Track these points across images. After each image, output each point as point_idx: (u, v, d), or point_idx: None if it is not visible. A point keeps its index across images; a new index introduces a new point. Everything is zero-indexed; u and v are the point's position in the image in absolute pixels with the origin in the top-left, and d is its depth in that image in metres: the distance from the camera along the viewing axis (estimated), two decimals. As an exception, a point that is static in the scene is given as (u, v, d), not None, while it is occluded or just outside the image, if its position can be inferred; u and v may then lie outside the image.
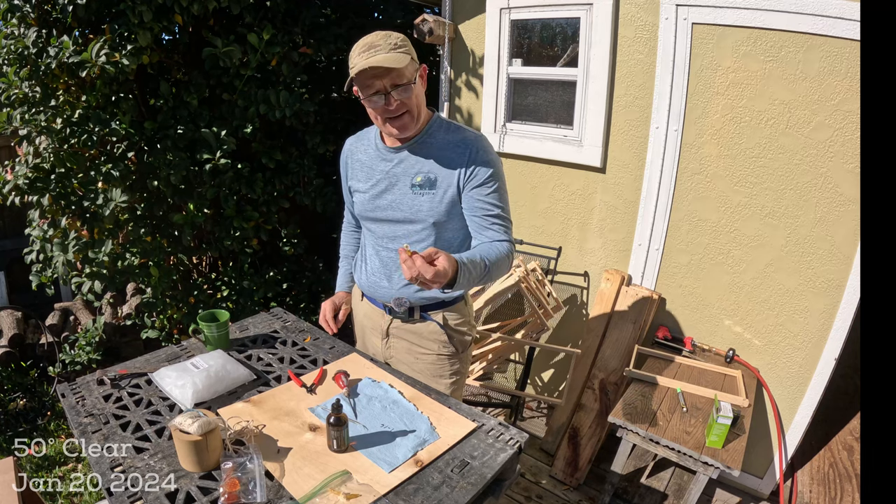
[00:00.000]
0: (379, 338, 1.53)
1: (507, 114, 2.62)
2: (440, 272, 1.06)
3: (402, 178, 1.34)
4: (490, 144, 1.34)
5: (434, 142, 1.33)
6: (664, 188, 2.22)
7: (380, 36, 1.20)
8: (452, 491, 1.00)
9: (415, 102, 1.26)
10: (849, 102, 1.78)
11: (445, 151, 1.31)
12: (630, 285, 2.39)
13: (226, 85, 2.62)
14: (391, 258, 1.40)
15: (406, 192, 1.33)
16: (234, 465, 0.99)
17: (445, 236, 1.37)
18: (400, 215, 1.35)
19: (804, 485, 2.18)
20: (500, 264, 1.28)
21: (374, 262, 1.45)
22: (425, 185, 1.31)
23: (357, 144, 1.47)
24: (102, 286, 2.46)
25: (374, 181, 1.38)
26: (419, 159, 1.33)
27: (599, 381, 2.32)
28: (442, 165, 1.31)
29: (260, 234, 2.89)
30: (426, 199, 1.32)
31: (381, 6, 3.83)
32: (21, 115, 2.29)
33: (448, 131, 1.34)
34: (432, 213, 1.32)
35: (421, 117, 1.30)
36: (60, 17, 2.31)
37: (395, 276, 1.41)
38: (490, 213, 1.31)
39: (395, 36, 1.21)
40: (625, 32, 2.18)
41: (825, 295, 1.97)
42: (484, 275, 1.23)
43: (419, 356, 1.47)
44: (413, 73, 1.23)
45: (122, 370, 1.37)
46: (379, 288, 1.44)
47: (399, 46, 1.20)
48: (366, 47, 1.19)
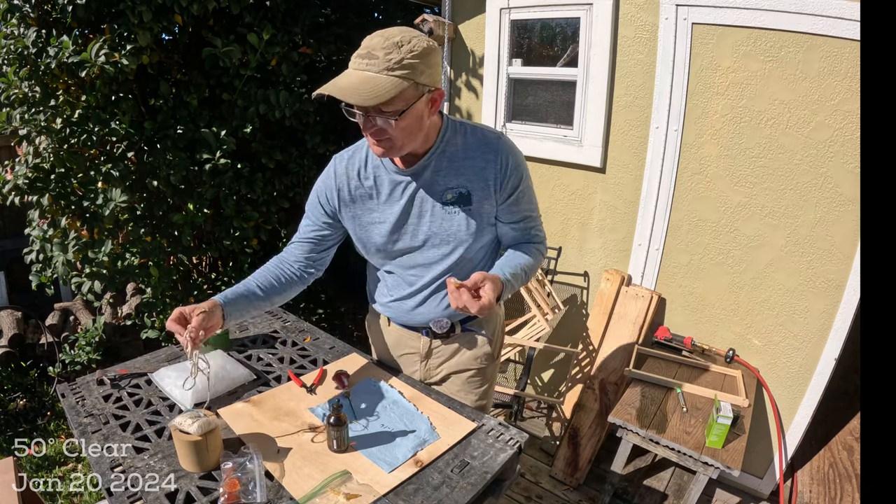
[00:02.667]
0: (418, 361, 1.42)
1: (507, 114, 2.62)
2: (485, 305, 1.03)
3: (427, 199, 1.18)
4: (511, 141, 1.21)
5: (454, 151, 1.17)
6: (664, 188, 2.22)
7: (388, 43, 0.98)
8: (452, 491, 1.00)
9: (399, 134, 1.05)
10: (849, 102, 1.78)
11: (471, 160, 1.16)
12: (630, 285, 2.39)
13: (226, 85, 2.62)
14: (418, 279, 1.28)
15: (437, 213, 1.18)
16: (234, 465, 0.99)
17: (469, 255, 1.24)
18: (435, 240, 1.21)
19: (804, 485, 2.18)
20: (537, 265, 1.28)
21: (400, 289, 1.31)
22: (458, 201, 1.17)
23: (352, 170, 1.23)
24: (102, 286, 2.46)
25: (391, 213, 1.20)
26: (443, 174, 1.17)
27: (599, 381, 2.32)
28: (472, 177, 1.16)
29: (260, 234, 2.89)
30: (462, 217, 1.18)
31: (381, 6, 3.83)
32: (21, 115, 2.29)
33: (465, 135, 1.18)
34: (471, 232, 1.19)
35: (408, 147, 1.10)
36: (60, 17, 2.31)
37: (429, 301, 1.29)
38: (528, 217, 1.27)
39: (406, 49, 0.99)
40: (625, 32, 2.18)
41: (825, 295, 1.97)
42: (523, 283, 1.23)
43: (464, 372, 1.41)
44: (408, 103, 1.02)
45: (122, 370, 1.37)
46: (413, 313, 1.32)
47: (400, 67, 0.98)
48: (364, 53, 1.00)
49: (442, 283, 1.26)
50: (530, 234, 1.30)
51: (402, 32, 1.01)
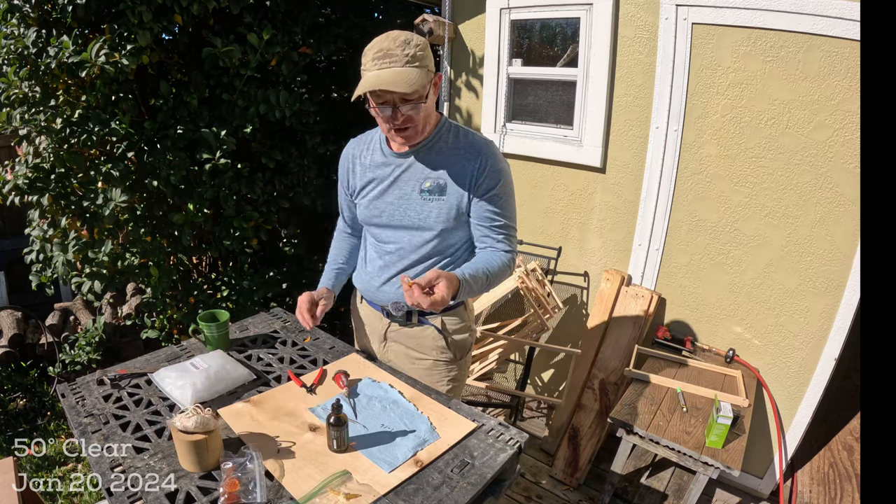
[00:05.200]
0: (377, 341, 1.52)
1: (507, 114, 2.62)
2: (437, 301, 1.10)
3: (409, 183, 1.31)
4: (499, 151, 1.32)
5: (443, 147, 1.30)
6: (664, 188, 2.22)
7: (398, 42, 1.14)
8: (452, 491, 1.00)
9: (422, 117, 1.22)
10: (849, 102, 1.78)
11: (455, 157, 1.28)
12: (630, 285, 2.39)
13: (225, 85, 2.62)
14: (392, 262, 1.38)
15: (414, 198, 1.31)
16: (234, 465, 0.99)
17: (449, 242, 1.35)
18: (407, 222, 1.33)
19: (804, 485, 2.18)
20: (501, 274, 1.30)
21: (374, 264, 1.43)
22: (434, 190, 1.29)
23: (360, 148, 1.42)
24: (102, 286, 2.46)
25: (380, 186, 1.35)
26: (427, 164, 1.30)
27: (599, 381, 2.32)
28: (452, 172, 1.28)
29: (260, 234, 2.89)
30: (435, 206, 1.29)
31: (381, 6, 3.83)
32: (21, 115, 2.29)
33: (457, 136, 1.31)
34: (440, 220, 1.30)
35: (427, 129, 1.28)
36: (60, 17, 2.31)
37: (395, 281, 1.39)
38: (496, 224, 1.30)
39: (413, 44, 1.15)
40: (625, 32, 2.18)
41: (825, 295, 1.97)
42: (484, 286, 1.26)
43: (416, 361, 1.46)
44: (426, 88, 1.19)
45: (122, 370, 1.37)
46: (378, 291, 1.42)
47: (415, 59, 1.14)
48: (380, 54, 1.13)
49: (410, 266, 1.36)
50: (497, 239, 1.32)
51: (401, 34, 1.16)
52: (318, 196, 3.05)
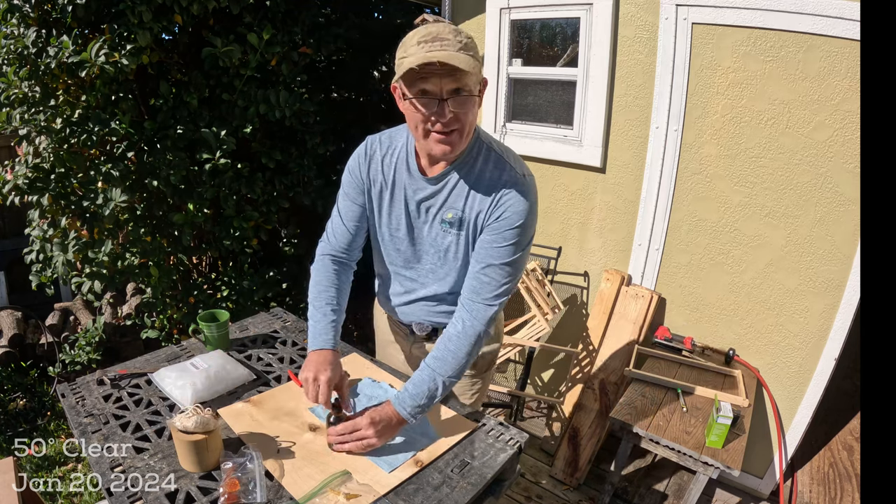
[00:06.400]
0: (403, 354, 1.49)
1: (507, 114, 2.62)
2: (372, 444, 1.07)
3: (432, 210, 1.20)
4: (533, 190, 1.14)
5: (473, 177, 1.14)
6: (664, 188, 2.22)
7: (448, 29, 0.99)
8: (452, 491, 1.00)
9: (469, 122, 1.06)
10: (849, 102, 1.78)
11: (481, 190, 1.13)
12: (630, 285, 2.39)
13: (225, 85, 2.62)
14: (413, 288, 1.32)
15: (435, 226, 1.21)
16: (234, 465, 0.99)
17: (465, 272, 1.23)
18: (425, 247, 1.25)
19: (804, 485, 2.18)
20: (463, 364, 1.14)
21: (394, 288, 1.35)
22: (454, 224, 1.17)
23: (384, 155, 1.22)
24: (102, 286, 2.45)
25: (403, 208, 1.22)
26: (455, 195, 1.16)
27: (599, 381, 2.32)
28: (472, 204, 1.15)
29: (260, 234, 2.89)
30: (453, 238, 1.20)
31: (381, 6, 3.83)
32: (21, 115, 2.29)
33: (488, 161, 1.14)
34: (456, 255, 1.22)
35: (464, 143, 1.10)
36: (60, 16, 2.31)
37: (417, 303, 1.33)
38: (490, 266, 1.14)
39: (464, 34, 1.01)
40: (625, 32, 2.18)
41: (825, 295, 1.97)
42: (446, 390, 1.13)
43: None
44: (476, 84, 1.03)
45: (122, 370, 1.36)
46: (399, 311, 1.37)
47: (468, 48, 0.99)
48: (429, 37, 0.97)
49: (432, 296, 1.30)
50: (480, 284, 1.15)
51: (448, 24, 1.03)
52: (318, 196, 3.04)
